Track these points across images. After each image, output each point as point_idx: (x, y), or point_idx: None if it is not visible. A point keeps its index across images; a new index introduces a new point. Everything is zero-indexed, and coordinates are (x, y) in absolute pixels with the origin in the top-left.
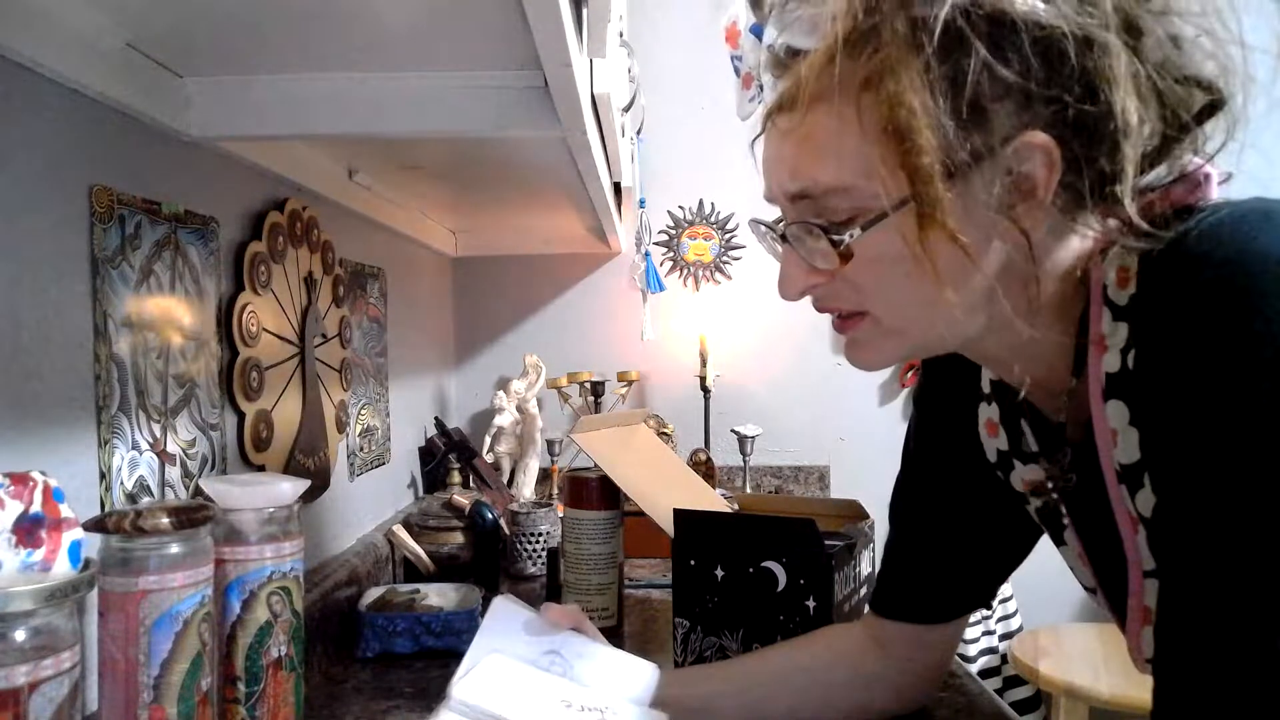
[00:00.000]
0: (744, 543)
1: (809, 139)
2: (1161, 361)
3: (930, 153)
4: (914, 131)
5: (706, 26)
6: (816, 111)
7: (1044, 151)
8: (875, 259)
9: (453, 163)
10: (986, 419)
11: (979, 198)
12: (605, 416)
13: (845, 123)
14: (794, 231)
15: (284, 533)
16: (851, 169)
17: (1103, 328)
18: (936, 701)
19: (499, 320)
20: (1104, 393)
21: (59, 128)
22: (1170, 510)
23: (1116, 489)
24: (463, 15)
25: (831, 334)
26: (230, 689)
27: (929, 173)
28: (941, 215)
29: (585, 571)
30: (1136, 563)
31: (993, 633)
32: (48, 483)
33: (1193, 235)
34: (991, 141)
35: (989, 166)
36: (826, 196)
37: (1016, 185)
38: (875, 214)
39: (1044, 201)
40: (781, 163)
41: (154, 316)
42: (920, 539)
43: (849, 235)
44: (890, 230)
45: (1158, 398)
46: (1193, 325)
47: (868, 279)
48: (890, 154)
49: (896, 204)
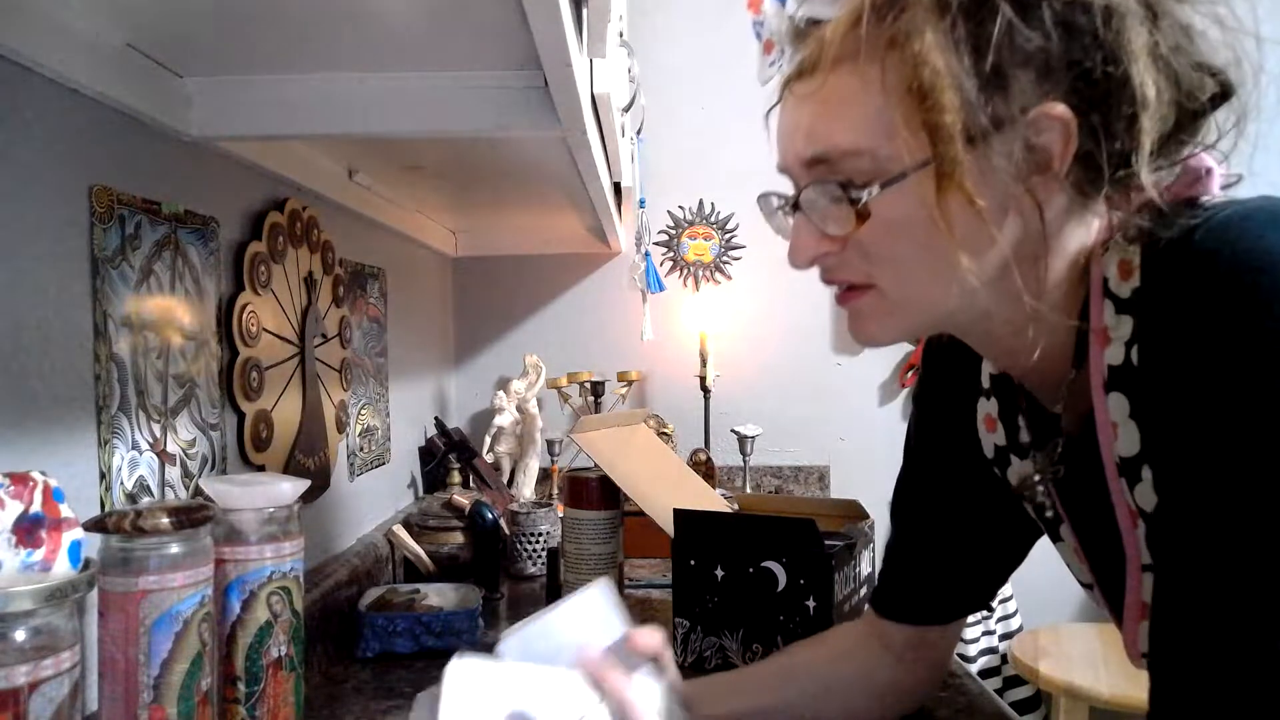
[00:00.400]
0: (744, 543)
1: (829, 101)
2: (1168, 357)
3: (952, 112)
4: (937, 90)
5: (706, 27)
6: (838, 73)
7: (1062, 123)
8: (890, 223)
9: (453, 163)
10: (985, 414)
11: (997, 166)
12: (605, 416)
13: (868, 83)
14: (809, 196)
15: (284, 533)
16: (871, 130)
17: (1105, 319)
18: (936, 701)
19: (499, 320)
20: (1105, 385)
21: (59, 128)
22: (1178, 506)
23: (1117, 482)
24: (463, 15)
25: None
26: (230, 689)
27: (950, 132)
28: (960, 176)
29: (585, 571)
30: (1135, 558)
31: (993, 633)
32: (48, 483)
33: (1200, 232)
34: (1011, 109)
35: (1007, 135)
36: (844, 159)
37: (1033, 156)
38: (894, 175)
39: (1059, 174)
40: (799, 128)
41: (154, 316)
42: (920, 538)
43: (867, 193)
44: (908, 192)
45: (1163, 393)
46: (1202, 323)
47: (880, 245)
48: (912, 114)
49: (917, 165)
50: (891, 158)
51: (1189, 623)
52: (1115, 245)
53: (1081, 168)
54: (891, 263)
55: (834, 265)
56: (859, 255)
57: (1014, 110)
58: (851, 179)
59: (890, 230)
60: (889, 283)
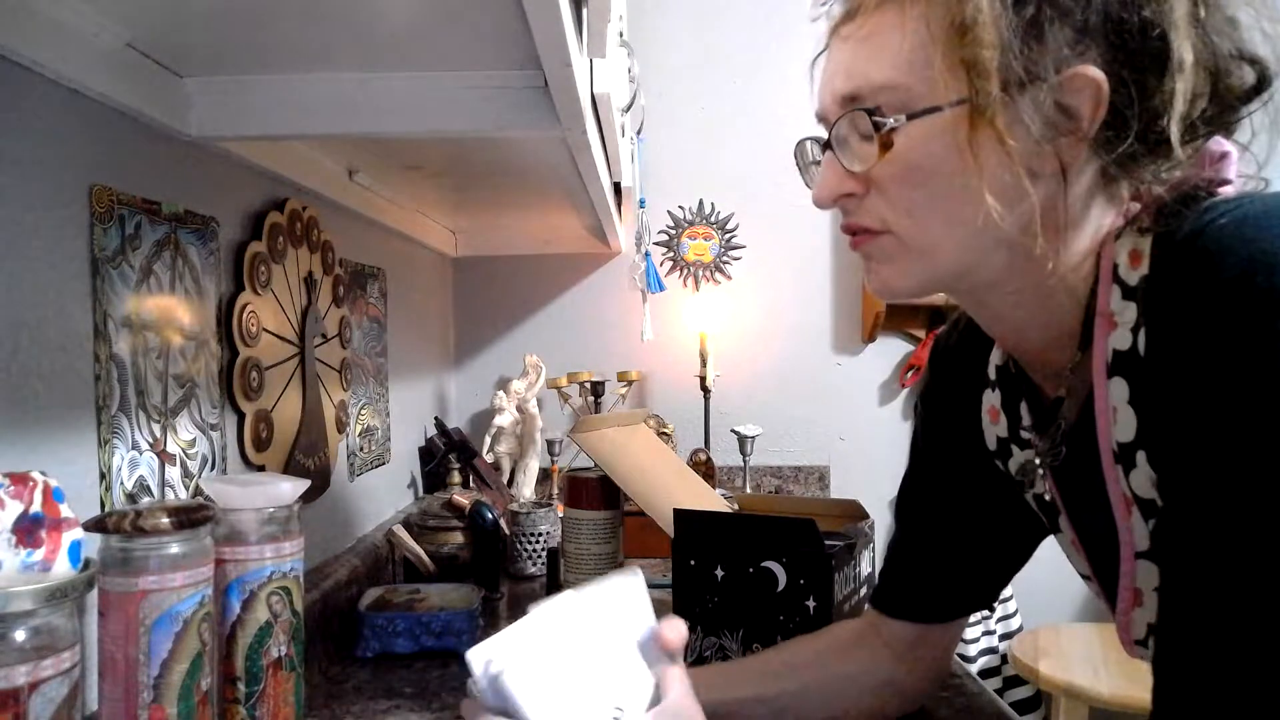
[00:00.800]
0: (744, 543)
1: (870, 39)
2: (1175, 350)
3: (990, 49)
4: (979, 25)
5: (706, 27)
6: (883, 11)
7: (1094, 86)
8: (915, 162)
9: (453, 163)
10: (990, 405)
11: (1027, 119)
12: (605, 416)
13: (908, 20)
14: (839, 131)
15: (284, 533)
16: (909, 64)
17: (1111, 304)
18: (936, 701)
19: (499, 320)
20: (1108, 369)
21: (59, 128)
22: (1181, 498)
23: (1113, 468)
24: (463, 15)
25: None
26: (230, 689)
27: (988, 68)
28: (993, 115)
29: (585, 571)
30: (1128, 544)
31: (993, 633)
32: (48, 483)
33: (1213, 227)
34: (1045, 63)
35: (1041, 90)
36: (878, 93)
37: (1063, 116)
38: (925, 109)
39: (1087, 136)
40: (838, 67)
41: (154, 316)
42: (925, 536)
43: (893, 120)
44: (939, 129)
45: (1166, 385)
46: (1212, 319)
47: (903, 186)
48: (951, 50)
49: (951, 102)
50: (925, 95)
51: (1194, 621)
52: (1128, 233)
53: (1107, 140)
54: (912, 206)
55: (854, 208)
56: (880, 198)
57: (1048, 64)
58: (882, 109)
59: (914, 170)
60: (907, 228)
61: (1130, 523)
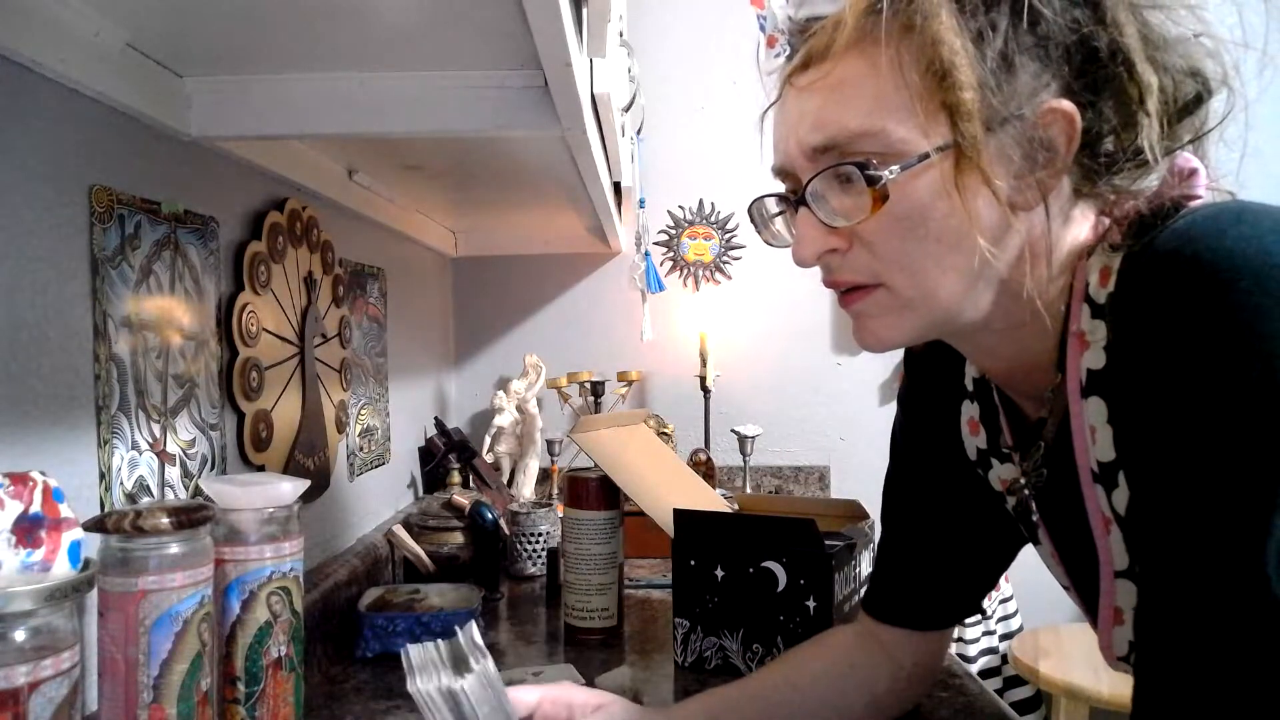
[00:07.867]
0: (744, 543)
1: (838, 87)
2: (1133, 359)
3: (971, 90)
4: (957, 68)
5: (706, 27)
6: (848, 59)
7: (1066, 118)
8: (902, 213)
9: (453, 163)
10: (969, 417)
11: (1009, 155)
12: (605, 416)
13: (878, 67)
14: (816, 187)
15: (284, 533)
16: (885, 110)
17: (1082, 323)
18: (937, 701)
19: (499, 320)
20: (1083, 389)
21: (59, 128)
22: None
23: (1091, 488)
24: (463, 15)
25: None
26: (230, 689)
27: (970, 109)
28: (979, 157)
29: (585, 571)
30: (1108, 562)
31: (993, 633)
32: (47, 483)
33: (1165, 234)
34: (1019, 99)
35: (1017, 126)
36: (854, 142)
37: (1042, 149)
38: (913, 158)
39: (1065, 168)
40: (804, 117)
41: (154, 316)
42: (907, 539)
43: (887, 172)
44: (924, 175)
45: (1131, 395)
46: (1160, 323)
47: (890, 238)
48: (930, 95)
49: (936, 148)
50: (905, 140)
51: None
52: (1100, 251)
53: (1081, 165)
54: (903, 257)
55: (838, 265)
56: (866, 252)
57: (1021, 100)
58: (868, 160)
59: (901, 221)
60: (898, 279)
61: (1109, 541)
